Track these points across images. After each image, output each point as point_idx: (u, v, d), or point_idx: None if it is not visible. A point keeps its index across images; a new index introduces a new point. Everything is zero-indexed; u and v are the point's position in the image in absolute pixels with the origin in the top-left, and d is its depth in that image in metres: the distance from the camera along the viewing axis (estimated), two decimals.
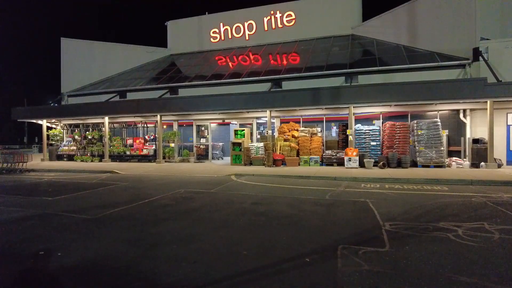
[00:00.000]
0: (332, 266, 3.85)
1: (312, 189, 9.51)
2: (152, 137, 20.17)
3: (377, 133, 15.27)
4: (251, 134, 18.29)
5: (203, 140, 20.34)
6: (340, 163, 14.79)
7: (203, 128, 20.57)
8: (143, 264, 3.93)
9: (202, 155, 19.86)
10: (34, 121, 22.27)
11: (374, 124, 16.19)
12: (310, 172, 12.64)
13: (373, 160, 14.19)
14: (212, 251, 4.42)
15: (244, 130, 17.19)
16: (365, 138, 15.23)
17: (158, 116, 18.27)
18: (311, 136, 15.76)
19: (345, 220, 5.95)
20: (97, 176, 13.33)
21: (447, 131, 14.71)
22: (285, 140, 15.94)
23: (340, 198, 8.05)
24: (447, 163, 13.92)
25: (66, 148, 21.37)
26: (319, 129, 16.24)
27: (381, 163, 13.85)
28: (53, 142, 22.10)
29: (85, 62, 24.90)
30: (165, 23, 26.60)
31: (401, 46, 18.84)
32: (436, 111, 14.98)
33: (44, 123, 21.42)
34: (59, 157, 21.34)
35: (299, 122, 16.97)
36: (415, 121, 14.36)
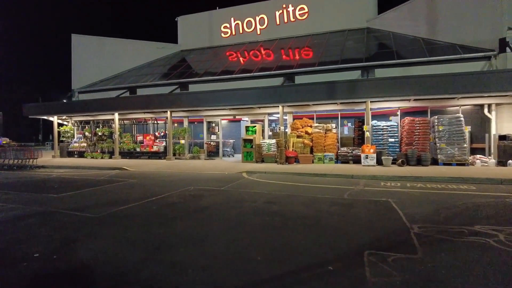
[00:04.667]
0: (360, 276, 3.34)
1: (328, 187, 8.96)
2: (162, 134, 19.89)
3: (395, 129, 14.56)
4: (263, 130, 17.77)
5: (213, 137, 19.94)
6: (356, 160, 14.17)
7: (213, 125, 20.17)
8: (145, 271, 3.50)
9: (213, 152, 19.45)
10: (45, 117, 22.29)
11: (390, 120, 15.49)
12: (326, 170, 12.07)
13: (391, 157, 13.51)
14: (222, 255, 3.97)
15: (255, 126, 16.68)
16: (382, 134, 14.54)
17: (168, 112, 17.94)
18: (325, 133, 15.16)
19: (368, 222, 5.41)
20: (106, 173, 13.07)
21: (469, 127, 13.88)
22: (298, 136, 15.39)
23: (360, 197, 7.50)
24: (470, 161, 13.13)
25: (77, 144, 21.31)
26: (333, 125, 15.60)
27: (400, 160, 13.17)
28: (64, 139, 22.09)
29: (95, 58, 24.82)
30: (176, 19, 26.30)
31: (420, 38, 18.00)
32: (458, 106, 14.17)
33: (55, 119, 21.40)
34: (70, 154, 21.29)
35: (312, 118, 16.38)
36: (436, 117, 13.59)
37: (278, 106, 15.39)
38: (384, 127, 14.59)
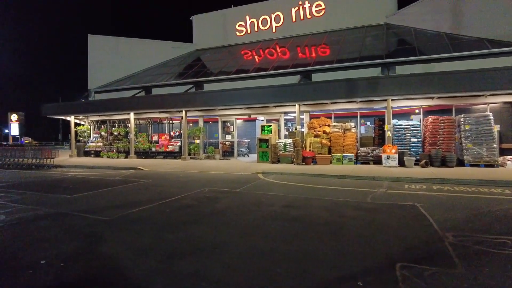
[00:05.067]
0: None
1: (349, 190, 8.51)
2: (177, 134, 19.80)
3: (418, 128, 13.89)
4: (279, 130, 17.38)
5: (228, 137, 19.70)
6: (377, 161, 13.60)
7: (228, 124, 19.93)
8: (157, 284, 3.21)
9: (228, 152, 19.20)
10: (62, 117, 22.62)
11: (411, 119, 14.83)
12: (345, 171, 11.58)
13: (414, 158, 12.89)
14: (238, 266, 3.64)
15: (271, 126, 16.31)
16: (404, 134, 13.90)
17: (183, 112, 17.81)
18: (344, 132, 14.63)
19: (395, 229, 4.98)
20: (121, 173, 13.00)
21: (498, 126, 13.08)
22: (316, 136, 14.93)
23: (384, 201, 7.03)
24: (500, 162, 12.36)
25: (93, 144, 21.49)
26: (352, 124, 15.04)
27: (423, 161, 12.53)
28: (81, 139, 22.33)
29: (111, 58, 25.01)
30: (190, 18, 26.23)
31: (443, 33, 17.20)
32: (486, 103, 13.39)
33: (72, 119, 21.65)
34: (86, 153, 21.50)
35: (330, 117, 15.87)
36: (462, 115, 12.87)
37: (295, 105, 14.97)
38: (406, 126, 13.95)
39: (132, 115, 19.41)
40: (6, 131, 69.91)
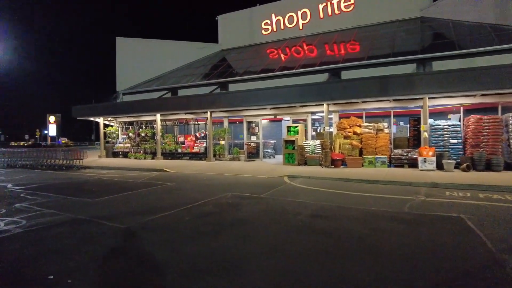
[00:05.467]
0: None
1: (384, 197, 7.81)
2: (202, 135, 19.68)
3: (458, 129, 12.78)
4: (306, 131, 16.74)
5: (253, 138, 19.30)
6: (412, 164, 12.65)
7: (253, 125, 19.52)
8: None
9: (253, 153, 18.80)
10: (92, 119, 23.20)
11: (449, 119, 13.71)
12: (378, 175, 10.80)
13: (453, 161, 11.85)
14: None
15: (297, 126, 15.72)
16: (443, 135, 12.83)
17: (208, 113, 17.63)
18: (376, 133, 13.76)
19: (441, 247, 4.31)
20: (146, 175, 12.96)
21: None
22: (346, 137, 14.18)
23: (424, 211, 6.31)
24: None
25: (121, 145, 21.86)
26: (385, 124, 14.11)
27: (465, 165, 11.47)
28: (109, 140, 22.81)
29: (138, 60, 25.37)
30: (216, 18, 26.12)
31: (486, 24, 15.85)
32: None
33: (101, 121, 22.16)
34: (115, 154, 21.91)
35: (361, 117, 15.04)
36: (511, 114, 11.66)
37: (323, 104, 14.29)
38: (445, 126, 12.88)
39: (158, 116, 19.52)
40: (46, 132, 73.95)
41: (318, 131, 16.91)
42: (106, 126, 23.05)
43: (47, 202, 7.69)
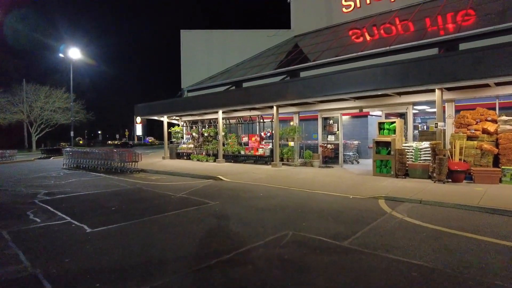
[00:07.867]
0: None
1: None
2: (268, 134, 16.64)
3: None
4: (405, 129, 12.32)
5: (331, 138, 15.26)
6: None
7: (331, 122, 15.46)
8: None
9: (330, 158, 14.82)
10: (155, 117, 22.11)
11: None
12: None
13: None
14: None
15: (394, 123, 11.38)
16: None
17: (274, 108, 14.51)
18: None
19: None
20: (193, 185, 10.44)
21: None
22: (470, 137, 9.58)
23: None
24: None
25: (185, 146, 20.23)
26: None
27: None
28: (174, 140, 21.49)
29: (203, 54, 23.66)
30: (288, 1, 22.86)
31: None
32: None
33: (165, 119, 20.87)
34: (179, 155, 20.40)
35: (493, 109, 10.17)
36: None
37: (434, 90, 9.87)
38: None
39: (220, 114, 17.16)
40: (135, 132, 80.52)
41: (422, 128, 12.30)
42: (171, 125, 21.81)
43: (37, 229, 5.43)
